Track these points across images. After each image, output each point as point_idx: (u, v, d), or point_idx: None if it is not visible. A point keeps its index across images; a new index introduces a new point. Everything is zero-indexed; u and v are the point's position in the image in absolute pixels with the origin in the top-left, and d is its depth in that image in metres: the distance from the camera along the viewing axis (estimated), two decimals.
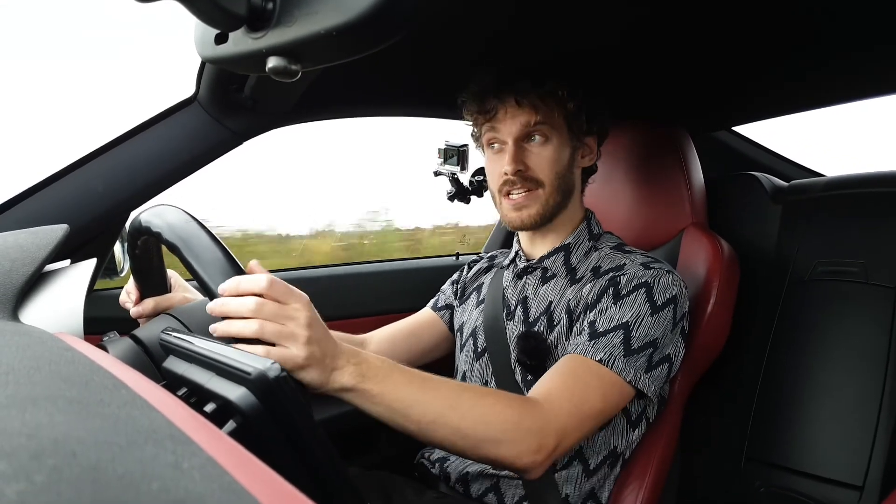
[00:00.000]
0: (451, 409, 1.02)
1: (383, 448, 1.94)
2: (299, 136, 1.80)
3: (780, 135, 2.24)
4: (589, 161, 1.47)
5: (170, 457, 0.35)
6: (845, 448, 1.47)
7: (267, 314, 0.88)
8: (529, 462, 1.06)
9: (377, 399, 0.96)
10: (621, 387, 1.21)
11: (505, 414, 1.06)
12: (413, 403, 0.99)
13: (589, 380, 1.19)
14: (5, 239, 0.99)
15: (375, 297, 2.06)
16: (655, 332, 1.25)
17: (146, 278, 1.13)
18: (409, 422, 0.99)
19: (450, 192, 2.10)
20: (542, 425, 1.08)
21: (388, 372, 0.99)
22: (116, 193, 1.37)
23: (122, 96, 3.00)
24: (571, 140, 1.41)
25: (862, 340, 1.51)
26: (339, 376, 0.94)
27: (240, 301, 0.88)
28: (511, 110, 1.37)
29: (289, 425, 0.68)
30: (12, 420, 0.35)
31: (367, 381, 0.96)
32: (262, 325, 0.87)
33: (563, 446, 1.11)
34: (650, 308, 1.26)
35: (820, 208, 1.70)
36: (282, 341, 0.88)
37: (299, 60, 0.56)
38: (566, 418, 1.12)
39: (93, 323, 1.02)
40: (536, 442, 1.06)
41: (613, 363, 1.20)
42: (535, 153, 1.38)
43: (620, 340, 1.23)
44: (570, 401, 1.15)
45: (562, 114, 1.38)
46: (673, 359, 1.29)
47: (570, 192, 1.44)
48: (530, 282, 1.48)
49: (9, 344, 0.62)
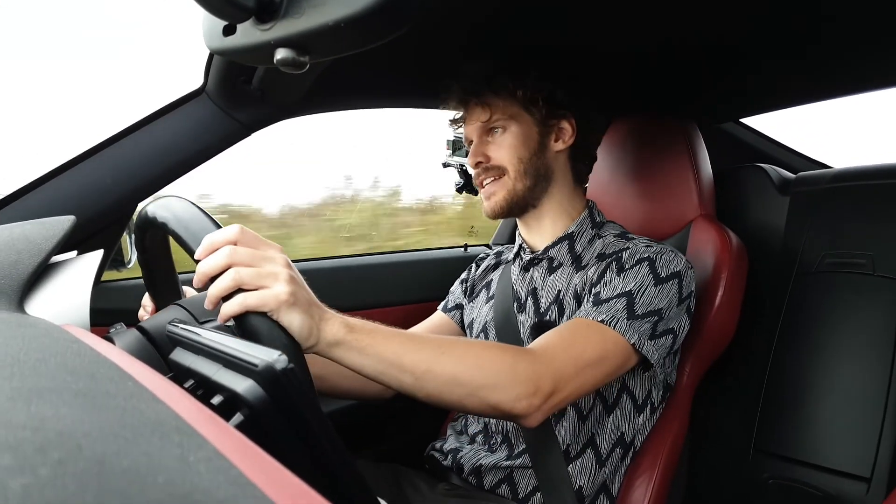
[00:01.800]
0: (444, 355, 1.02)
1: (392, 441, 1.94)
2: (305, 128, 1.80)
3: (788, 126, 2.23)
4: (565, 143, 1.46)
5: (176, 449, 0.34)
6: (853, 439, 1.47)
7: (241, 258, 0.85)
8: (526, 405, 1.06)
9: (368, 350, 0.95)
10: (624, 347, 1.21)
11: (499, 358, 1.06)
12: (404, 353, 0.98)
13: (587, 333, 1.20)
14: (11, 230, 0.99)
15: (383, 289, 2.06)
16: (660, 303, 1.25)
17: (157, 277, 1.13)
18: (402, 372, 0.98)
19: (458, 184, 2.10)
20: (537, 368, 1.08)
21: (374, 327, 0.99)
22: (124, 185, 1.38)
23: (123, 95, 3.00)
24: (537, 125, 1.44)
25: (869, 332, 1.52)
26: (327, 326, 0.92)
27: (213, 255, 0.86)
28: (472, 111, 1.45)
29: (296, 418, 0.67)
30: (18, 412, 0.35)
31: (355, 333, 0.95)
32: (237, 271, 0.84)
33: (561, 393, 1.11)
34: (653, 279, 1.27)
35: (827, 200, 1.70)
36: (261, 282, 0.85)
37: (307, 52, 0.56)
38: (562, 364, 1.12)
39: (99, 314, 1.01)
40: (532, 385, 1.06)
41: (616, 324, 1.20)
42: (496, 143, 1.44)
43: (623, 306, 1.23)
44: (565, 350, 1.15)
45: (517, 104, 1.42)
46: (677, 332, 1.29)
47: (547, 176, 1.45)
48: (538, 273, 1.48)
49: (14, 335, 0.62)
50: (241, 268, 0.85)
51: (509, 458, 1.37)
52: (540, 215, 1.48)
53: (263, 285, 0.85)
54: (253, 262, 0.86)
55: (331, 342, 0.93)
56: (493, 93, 1.42)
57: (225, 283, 0.84)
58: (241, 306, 0.84)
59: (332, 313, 0.95)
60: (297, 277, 0.90)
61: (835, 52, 1.48)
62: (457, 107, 1.49)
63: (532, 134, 1.43)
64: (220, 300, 0.86)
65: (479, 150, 1.44)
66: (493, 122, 1.43)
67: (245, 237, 0.88)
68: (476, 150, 1.44)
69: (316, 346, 0.92)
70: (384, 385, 1.00)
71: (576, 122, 1.47)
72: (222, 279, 0.84)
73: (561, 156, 1.47)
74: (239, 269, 0.84)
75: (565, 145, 1.46)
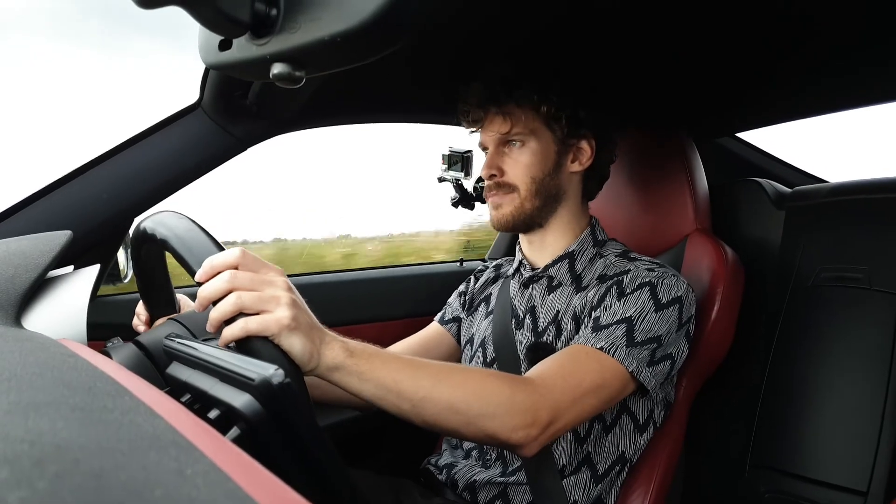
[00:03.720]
0: (443, 382, 1.01)
1: (388, 454, 1.93)
2: (300, 142, 1.80)
3: (784, 141, 2.24)
4: (581, 165, 1.44)
5: (173, 463, 0.34)
6: (849, 453, 1.47)
7: (243, 283, 0.85)
8: (524, 436, 1.05)
9: (367, 375, 0.95)
10: (622, 375, 1.20)
11: (497, 388, 1.06)
12: (403, 378, 0.98)
13: (586, 362, 1.19)
14: (8, 245, 0.99)
15: (378, 304, 2.06)
16: (659, 329, 1.25)
17: (152, 291, 1.13)
18: (401, 399, 0.98)
19: (454, 199, 2.10)
20: (536, 399, 1.08)
21: (375, 351, 0.99)
22: (120, 200, 1.38)
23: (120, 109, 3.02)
24: (556, 144, 1.41)
25: (866, 346, 1.51)
26: (327, 350, 0.92)
27: (215, 280, 0.85)
28: (492, 118, 1.41)
29: (293, 432, 0.67)
30: (15, 427, 0.35)
31: (355, 357, 0.95)
32: (238, 295, 0.84)
33: (558, 423, 1.10)
34: (654, 305, 1.26)
35: (823, 214, 1.70)
36: (263, 306, 0.85)
37: (303, 67, 0.56)
38: (560, 394, 1.11)
39: (96, 329, 1.01)
40: (530, 416, 1.06)
41: (615, 352, 1.20)
42: (512, 158, 1.41)
43: (623, 332, 1.22)
44: (564, 379, 1.14)
45: (539, 119, 1.39)
46: (675, 358, 1.29)
47: (557, 196, 1.44)
48: (537, 290, 1.48)
49: (11, 350, 0.62)
50: (242, 292, 0.85)
51: (504, 475, 1.36)
52: (544, 234, 1.47)
53: (265, 309, 0.85)
54: (254, 287, 0.86)
55: (330, 366, 0.93)
56: (515, 104, 1.39)
57: (227, 308, 0.84)
58: (242, 331, 0.84)
59: (333, 336, 0.95)
60: (299, 300, 0.90)
61: (831, 68, 1.48)
62: (475, 112, 1.44)
63: (550, 153, 1.41)
64: (222, 323, 0.86)
65: (495, 163, 1.41)
66: (512, 135, 1.40)
67: (246, 260, 0.88)
68: (491, 162, 1.41)
69: (316, 370, 0.92)
70: (383, 409, 1.00)
71: (595, 143, 1.44)
72: (224, 304, 0.84)
73: (575, 176, 1.46)
74: (241, 294, 0.84)
75: (581, 167, 1.44)
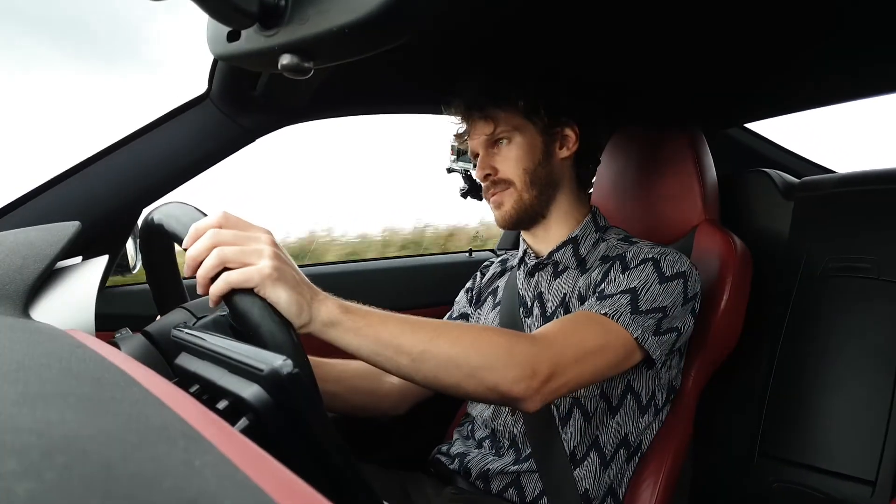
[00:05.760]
0: (441, 336, 1.01)
1: (397, 446, 1.93)
2: (308, 134, 1.80)
3: (792, 131, 2.23)
4: (569, 150, 1.47)
5: (182, 454, 0.34)
6: (857, 443, 1.47)
7: (224, 238, 0.85)
8: (524, 388, 1.05)
9: (364, 331, 0.95)
10: (626, 340, 1.20)
11: (495, 340, 1.07)
12: (401, 334, 0.98)
13: (589, 325, 1.20)
14: (16, 236, 0.99)
15: (387, 294, 2.05)
16: (664, 300, 1.25)
17: (161, 282, 1.13)
18: (399, 354, 0.98)
19: (463, 189, 2.10)
20: (535, 351, 1.08)
21: (370, 309, 0.99)
22: (129, 190, 1.38)
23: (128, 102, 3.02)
24: (540, 134, 1.44)
25: (874, 336, 1.51)
26: (321, 307, 0.92)
27: (199, 241, 0.86)
28: (476, 125, 1.45)
29: (302, 422, 0.67)
30: (23, 417, 0.35)
31: (351, 314, 0.95)
32: (220, 250, 0.84)
33: (559, 378, 1.10)
34: (658, 277, 1.28)
35: (832, 205, 1.69)
36: (245, 259, 0.85)
37: (311, 58, 0.56)
38: (560, 349, 1.12)
39: (105, 320, 1.01)
40: (530, 368, 1.06)
41: (620, 318, 1.20)
42: (502, 155, 1.44)
43: (628, 301, 1.23)
44: (565, 336, 1.15)
45: (519, 114, 1.42)
46: (682, 331, 1.30)
47: (552, 183, 1.46)
48: (543, 277, 1.49)
49: (20, 341, 0.62)
50: (224, 247, 0.85)
51: (516, 463, 1.37)
52: (547, 224, 1.49)
53: (247, 262, 0.85)
54: (237, 242, 0.86)
55: (325, 322, 0.93)
56: (494, 105, 1.42)
57: (210, 263, 0.84)
58: (225, 283, 0.84)
59: (326, 295, 0.95)
60: (285, 256, 0.90)
61: (840, 58, 1.47)
62: (460, 125, 1.50)
63: (536, 143, 1.44)
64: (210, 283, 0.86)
65: (486, 163, 1.44)
66: (497, 134, 1.43)
67: (229, 220, 0.88)
68: (483, 163, 1.44)
69: (310, 326, 0.91)
70: (380, 368, 1.00)
71: (578, 128, 1.47)
72: (207, 260, 0.85)
73: (566, 163, 1.48)
74: (223, 248, 0.85)
75: (570, 152, 1.47)
